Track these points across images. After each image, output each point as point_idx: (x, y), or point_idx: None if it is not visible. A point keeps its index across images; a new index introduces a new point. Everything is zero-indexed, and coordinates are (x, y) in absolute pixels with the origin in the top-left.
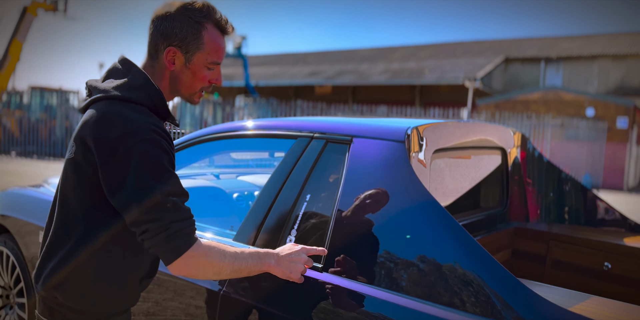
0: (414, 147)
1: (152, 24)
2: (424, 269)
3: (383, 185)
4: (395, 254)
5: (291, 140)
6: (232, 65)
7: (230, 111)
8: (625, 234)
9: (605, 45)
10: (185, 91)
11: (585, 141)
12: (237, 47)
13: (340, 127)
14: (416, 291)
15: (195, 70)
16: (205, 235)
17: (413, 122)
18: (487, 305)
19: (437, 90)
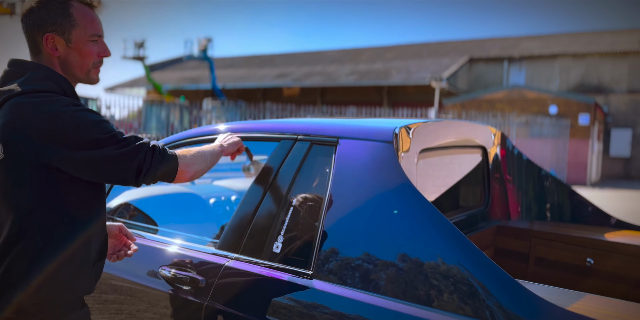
0: (402, 147)
1: (22, 23)
2: (421, 273)
3: (373, 187)
4: (389, 257)
5: (274, 142)
6: (198, 68)
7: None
8: (606, 229)
9: (565, 44)
10: (80, 72)
11: (549, 138)
12: (203, 50)
13: (326, 129)
14: (414, 296)
15: (80, 47)
16: (184, 245)
17: (399, 122)
18: (486, 307)
19: (404, 91)
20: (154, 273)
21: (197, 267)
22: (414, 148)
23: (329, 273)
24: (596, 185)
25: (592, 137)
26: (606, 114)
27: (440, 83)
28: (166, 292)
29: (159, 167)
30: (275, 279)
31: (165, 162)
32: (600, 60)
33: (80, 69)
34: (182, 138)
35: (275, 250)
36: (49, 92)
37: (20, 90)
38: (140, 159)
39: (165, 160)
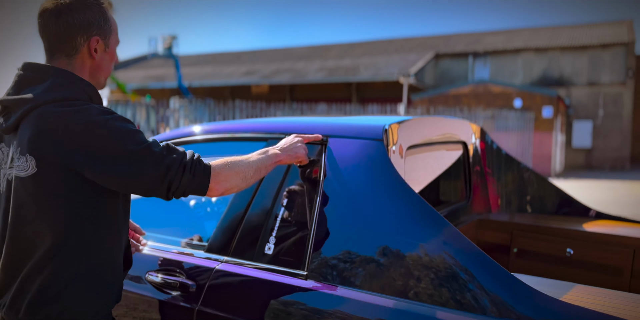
0: (391, 145)
1: (55, 20)
2: (419, 270)
3: (366, 185)
4: (385, 255)
5: (261, 142)
6: (163, 66)
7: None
8: (584, 220)
9: (528, 39)
10: (104, 77)
11: (514, 131)
12: (168, 47)
13: (314, 127)
14: (413, 293)
15: (112, 53)
16: (171, 249)
17: (387, 120)
18: (484, 303)
19: (372, 87)
20: (140, 279)
21: (187, 272)
22: (403, 145)
23: (324, 273)
24: (560, 176)
25: (555, 129)
26: (568, 107)
27: (408, 79)
28: (155, 298)
29: (189, 186)
30: (269, 280)
31: (195, 179)
32: (561, 54)
33: (106, 75)
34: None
35: (267, 252)
36: (77, 100)
37: (48, 99)
38: (171, 178)
39: (197, 176)
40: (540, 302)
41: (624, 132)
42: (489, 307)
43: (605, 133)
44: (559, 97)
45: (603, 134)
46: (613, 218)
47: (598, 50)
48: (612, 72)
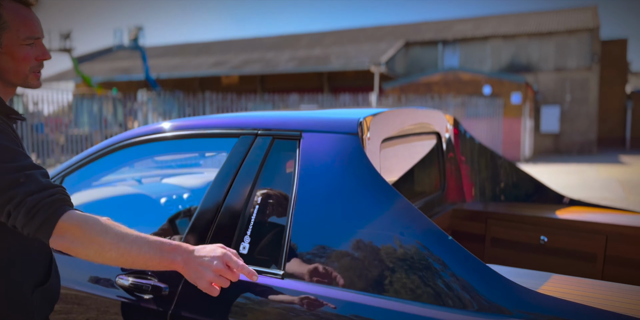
0: (366, 138)
1: None
2: (399, 266)
3: (342, 180)
4: (364, 252)
5: (233, 139)
6: (129, 58)
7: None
8: (558, 207)
9: (496, 26)
10: (15, 77)
11: (484, 118)
12: (133, 39)
13: (287, 122)
14: (392, 289)
15: (12, 52)
16: None
17: (361, 113)
18: (462, 296)
19: (344, 76)
20: (111, 282)
21: (159, 274)
22: (378, 138)
23: (301, 272)
24: (529, 161)
25: (524, 115)
26: (536, 92)
27: (379, 68)
28: (126, 302)
29: (25, 226)
30: (245, 281)
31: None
32: (528, 40)
33: (16, 75)
34: (128, 138)
35: (242, 251)
36: None
37: None
38: (9, 211)
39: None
40: (517, 294)
41: (590, 116)
42: (467, 301)
43: (573, 118)
44: (527, 83)
45: (570, 118)
46: (586, 204)
47: (564, 36)
48: (578, 57)
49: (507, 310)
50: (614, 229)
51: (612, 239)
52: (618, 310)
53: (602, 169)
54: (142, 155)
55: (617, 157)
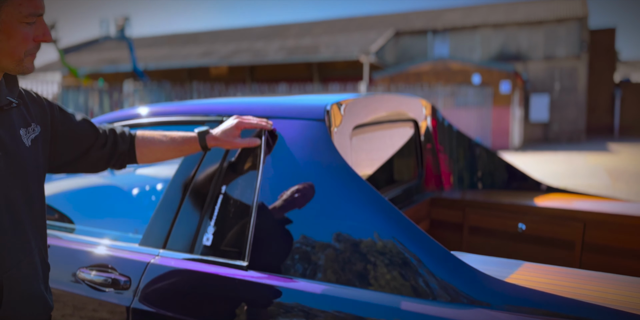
0: (334, 125)
1: None
2: (360, 255)
3: (307, 168)
4: (327, 241)
5: (197, 126)
6: (116, 49)
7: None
8: (535, 194)
9: (485, 15)
10: (8, 60)
11: (474, 107)
12: (120, 29)
13: (252, 108)
14: (353, 279)
15: (10, 30)
16: (103, 242)
17: (329, 99)
18: (431, 286)
19: (333, 66)
20: (72, 275)
21: (120, 267)
22: (347, 125)
23: (266, 263)
24: (519, 149)
25: (513, 104)
26: (525, 81)
27: (369, 57)
28: (87, 296)
29: None
30: (208, 273)
31: None
32: (518, 29)
33: (10, 57)
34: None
35: (205, 243)
36: None
37: None
38: None
39: None
40: (488, 285)
41: (579, 105)
42: (438, 291)
43: (562, 106)
44: (516, 72)
45: (559, 107)
46: (564, 191)
47: (553, 25)
48: (567, 46)
49: (479, 301)
50: (592, 216)
51: (590, 226)
52: (591, 299)
53: (590, 157)
54: None
55: (606, 145)
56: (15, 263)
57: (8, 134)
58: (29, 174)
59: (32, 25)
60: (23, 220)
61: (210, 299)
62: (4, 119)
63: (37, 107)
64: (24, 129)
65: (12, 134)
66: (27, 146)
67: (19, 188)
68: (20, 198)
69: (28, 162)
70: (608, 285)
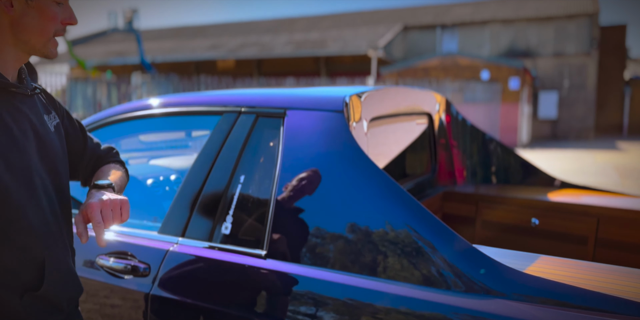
0: (352, 117)
1: None
2: (379, 246)
3: (326, 159)
4: (346, 232)
5: (216, 116)
6: (124, 41)
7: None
8: (549, 189)
9: (495, 10)
10: (37, 39)
11: (482, 103)
12: (128, 21)
13: (271, 99)
14: (373, 270)
15: (42, 8)
16: (123, 230)
17: (348, 91)
18: (449, 277)
19: (341, 61)
20: (91, 263)
21: (139, 254)
22: (365, 117)
23: (284, 252)
24: (527, 146)
25: (522, 100)
26: (534, 78)
27: (376, 52)
28: (107, 282)
29: None
30: (226, 262)
31: None
32: (527, 25)
33: (39, 36)
34: (109, 115)
35: (224, 232)
36: None
37: None
38: None
39: None
40: (505, 275)
41: (588, 102)
42: (455, 282)
43: (570, 103)
44: (525, 68)
45: (568, 104)
46: (577, 187)
47: (563, 21)
48: (577, 42)
49: (495, 291)
50: (606, 211)
51: (604, 221)
52: (606, 291)
53: (599, 155)
54: (124, 133)
55: (614, 143)
56: (53, 241)
57: (37, 119)
58: (58, 158)
59: (61, 7)
60: (55, 203)
61: (229, 286)
62: (32, 104)
63: (53, 101)
64: (47, 115)
65: (40, 119)
66: (52, 131)
67: (50, 171)
68: (50, 181)
69: (55, 147)
70: (625, 278)
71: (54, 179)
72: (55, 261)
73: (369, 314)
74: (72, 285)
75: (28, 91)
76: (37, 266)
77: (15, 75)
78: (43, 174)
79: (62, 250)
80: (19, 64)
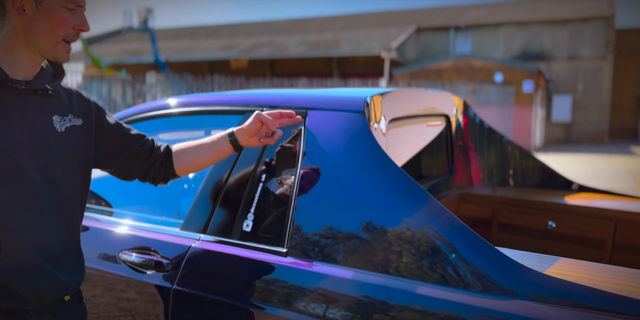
0: (373, 117)
1: None
2: (401, 245)
3: (347, 159)
4: (367, 231)
5: (237, 116)
6: (138, 40)
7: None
8: (566, 193)
9: (509, 13)
10: (46, 42)
11: (495, 105)
12: (143, 21)
13: (293, 100)
14: (394, 269)
15: (51, 12)
16: (145, 227)
17: (368, 92)
18: (468, 277)
19: (354, 62)
20: (114, 258)
21: (162, 250)
22: (385, 117)
23: (305, 250)
24: (540, 150)
25: (535, 103)
26: (548, 81)
27: (389, 53)
28: (130, 277)
29: None
30: (247, 258)
31: None
32: (542, 27)
33: (48, 39)
34: (133, 114)
35: (245, 229)
36: None
37: None
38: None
39: None
40: (524, 276)
41: (602, 106)
42: (473, 282)
43: (585, 107)
44: (539, 71)
45: (582, 108)
46: (595, 191)
47: (578, 24)
48: (592, 46)
49: (513, 292)
50: (624, 215)
51: (622, 225)
52: (626, 293)
53: (613, 160)
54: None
55: (629, 148)
56: (21, 232)
57: (37, 116)
58: (53, 156)
59: (72, 13)
60: (40, 195)
61: (250, 283)
62: (36, 102)
63: (84, 105)
64: (59, 116)
65: (43, 118)
66: (58, 131)
67: (39, 166)
68: (39, 175)
69: (54, 145)
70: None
71: (45, 173)
72: (13, 253)
73: (390, 313)
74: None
75: (21, 86)
76: None
77: (28, 74)
78: (31, 168)
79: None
80: (32, 65)
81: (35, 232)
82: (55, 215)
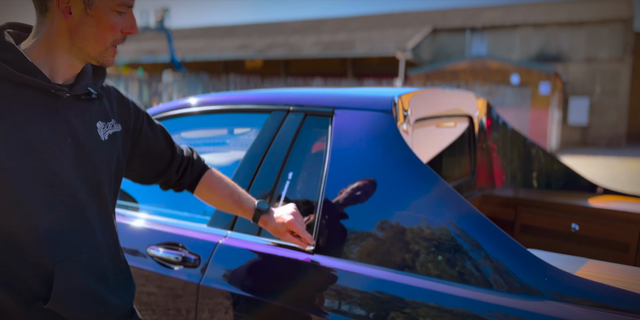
0: (400, 117)
1: None
2: (428, 245)
3: (375, 158)
4: (395, 230)
5: (264, 114)
6: (154, 39)
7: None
8: (590, 195)
9: (526, 14)
10: (94, 48)
11: (511, 107)
12: (159, 20)
13: (320, 99)
14: (421, 268)
15: (101, 17)
16: (173, 222)
17: (395, 91)
18: (496, 277)
19: (368, 62)
20: (141, 253)
21: (189, 246)
22: (411, 117)
23: (332, 247)
24: (556, 152)
25: (552, 105)
26: (565, 83)
27: (404, 54)
28: (157, 272)
29: None
30: (275, 255)
31: None
32: (559, 29)
33: (97, 45)
34: (159, 112)
35: None
36: None
37: None
38: None
39: None
40: (553, 276)
41: (620, 109)
42: (500, 282)
43: (602, 110)
44: (556, 73)
45: (599, 111)
46: (620, 194)
47: (596, 26)
48: (610, 48)
49: (539, 291)
50: None
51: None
52: None
53: (631, 163)
54: (174, 130)
55: None
56: (72, 255)
57: (82, 124)
58: (99, 167)
59: (122, 16)
60: (87, 213)
61: (277, 280)
62: (80, 109)
63: (123, 107)
64: (102, 122)
65: (87, 125)
66: (101, 139)
67: (86, 179)
68: (85, 190)
69: (99, 155)
70: None
71: (92, 187)
72: (66, 277)
73: (419, 311)
74: (94, 308)
75: (65, 94)
76: (46, 279)
77: (69, 78)
78: (75, 181)
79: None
80: (72, 70)
81: (86, 253)
82: (103, 231)
